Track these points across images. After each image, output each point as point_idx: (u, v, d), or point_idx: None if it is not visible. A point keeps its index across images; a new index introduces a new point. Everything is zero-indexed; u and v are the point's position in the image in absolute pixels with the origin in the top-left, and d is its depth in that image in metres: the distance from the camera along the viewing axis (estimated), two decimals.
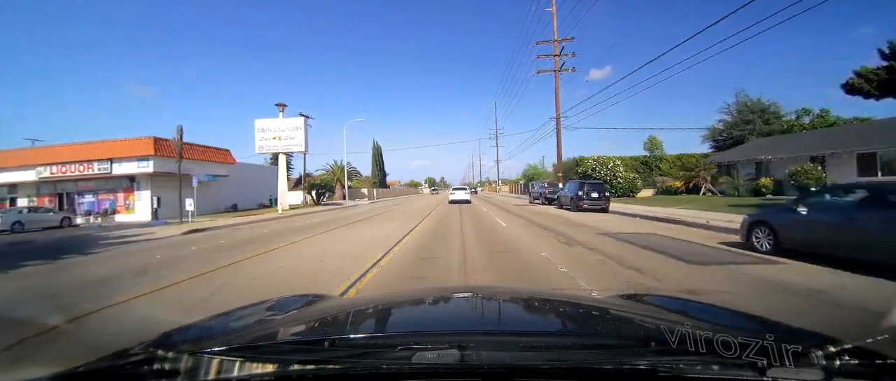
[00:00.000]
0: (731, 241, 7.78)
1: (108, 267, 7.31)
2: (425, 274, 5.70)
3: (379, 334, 1.26)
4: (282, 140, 29.13)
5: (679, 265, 5.79)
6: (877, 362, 0.88)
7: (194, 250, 9.26)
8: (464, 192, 29.41)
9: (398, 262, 6.65)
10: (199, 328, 1.36)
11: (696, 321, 1.31)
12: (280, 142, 29.15)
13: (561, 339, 1.20)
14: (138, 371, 0.91)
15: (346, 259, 7.02)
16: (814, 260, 5.66)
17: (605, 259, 6.41)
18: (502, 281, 5.28)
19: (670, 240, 8.23)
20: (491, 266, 6.14)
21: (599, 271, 5.63)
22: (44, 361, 2.94)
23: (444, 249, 7.89)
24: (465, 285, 4.70)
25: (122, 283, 5.72)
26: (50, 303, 4.84)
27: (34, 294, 5.50)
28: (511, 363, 0.88)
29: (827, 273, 5.09)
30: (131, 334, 3.34)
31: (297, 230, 12.72)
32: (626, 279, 5.05)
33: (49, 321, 3.82)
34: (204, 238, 11.87)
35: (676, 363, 0.84)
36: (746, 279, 4.93)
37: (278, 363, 0.90)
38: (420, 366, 0.85)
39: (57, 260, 8.36)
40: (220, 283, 5.49)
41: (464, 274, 5.65)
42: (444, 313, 1.58)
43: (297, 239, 10.29)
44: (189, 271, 6.33)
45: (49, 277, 6.74)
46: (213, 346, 1.02)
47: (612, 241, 8.34)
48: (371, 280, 5.41)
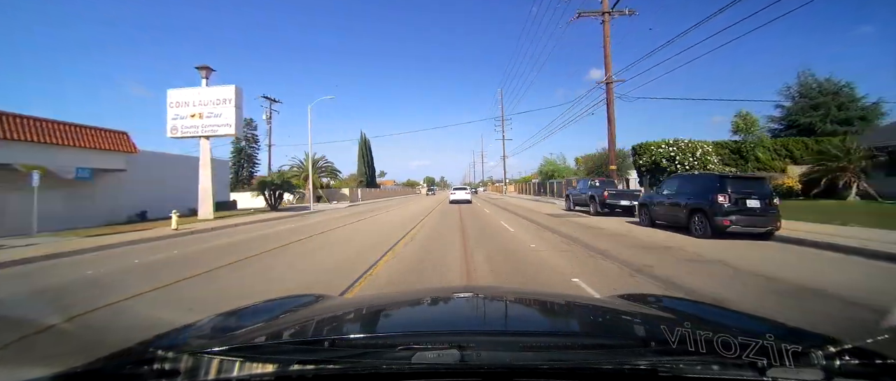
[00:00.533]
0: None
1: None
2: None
3: (379, 334, 1.26)
4: (204, 119, 19.66)
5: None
6: (877, 362, 0.88)
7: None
8: (464, 192, 30.03)
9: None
10: (199, 328, 1.35)
11: (696, 320, 1.31)
12: (201, 121, 19.76)
13: (561, 339, 1.20)
14: (138, 371, 0.91)
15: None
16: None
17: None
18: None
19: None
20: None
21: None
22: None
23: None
24: (465, 285, 4.70)
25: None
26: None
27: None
28: (511, 363, 0.88)
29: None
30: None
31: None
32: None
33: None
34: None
35: (676, 363, 0.84)
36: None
37: (278, 363, 0.90)
38: (420, 366, 0.85)
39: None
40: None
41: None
42: (444, 314, 1.58)
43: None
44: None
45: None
46: (213, 346, 1.02)
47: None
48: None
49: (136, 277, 6.46)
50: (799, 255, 6.91)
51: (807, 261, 6.39)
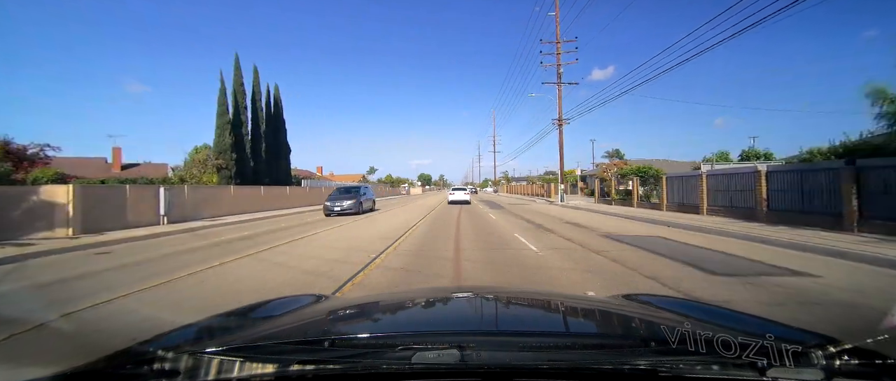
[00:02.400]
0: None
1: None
2: None
3: (379, 334, 1.26)
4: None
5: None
6: (877, 362, 0.88)
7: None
8: (463, 192, 29.42)
9: None
10: (199, 328, 1.35)
11: (695, 321, 1.31)
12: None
13: (561, 339, 1.20)
14: (138, 371, 0.91)
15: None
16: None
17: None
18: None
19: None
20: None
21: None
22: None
23: None
24: (465, 286, 4.70)
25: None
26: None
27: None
28: (511, 363, 0.88)
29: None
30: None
31: None
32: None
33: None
34: None
35: (676, 363, 0.84)
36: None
37: (278, 364, 0.90)
38: (420, 366, 0.85)
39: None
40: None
41: None
42: (444, 314, 1.58)
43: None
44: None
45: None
46: (212, 346, 1.02)
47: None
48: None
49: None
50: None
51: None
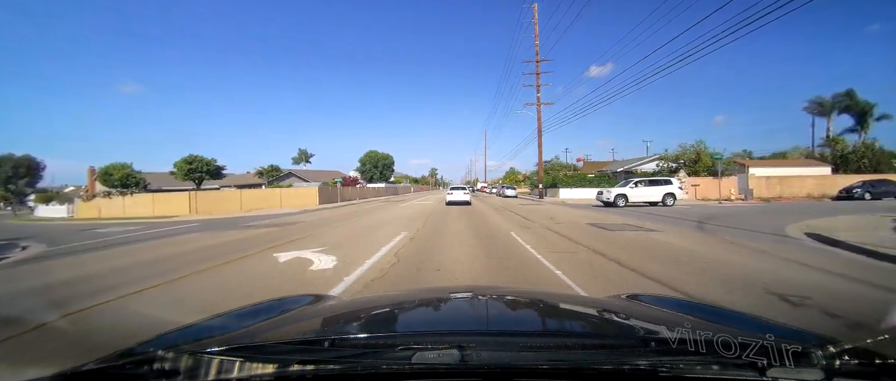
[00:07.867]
0: None
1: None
2: None
3: (379, 334, 1.26)
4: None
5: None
6: (877, 362, 0.88)
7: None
8: (462, 192, 29.01)
9: None
10: (199, 328, 1.35)
11: (695, 321, 1.31)
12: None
13: (561, 339, 1.20)
14: (138, 371, 0.91)
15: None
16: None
17: None
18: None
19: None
20: None
21: None
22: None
23: None
24: (465, 286, 4.70)
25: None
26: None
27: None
28: (511, 363, 0.88)
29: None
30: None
31: None
32: None
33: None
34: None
35: (676, 363, 0.84)
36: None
37: (278, 363, 0.90)
38: (420, 366, 0.85)
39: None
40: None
41: None
42: (444, 314, 1.58)
43: None
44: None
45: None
46: (213, 346, 1.02)
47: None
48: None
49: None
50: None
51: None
